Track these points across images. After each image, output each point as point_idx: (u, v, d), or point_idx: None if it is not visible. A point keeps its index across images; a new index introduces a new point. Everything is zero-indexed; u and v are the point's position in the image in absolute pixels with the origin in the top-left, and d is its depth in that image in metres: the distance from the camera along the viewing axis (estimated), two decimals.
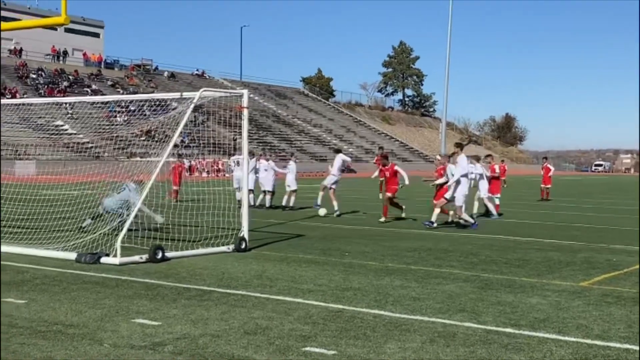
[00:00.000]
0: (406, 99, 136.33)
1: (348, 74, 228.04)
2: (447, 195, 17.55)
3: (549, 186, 32.03)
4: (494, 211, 21.32)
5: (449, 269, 11.22)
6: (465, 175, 17.91)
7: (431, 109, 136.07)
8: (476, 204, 21.63)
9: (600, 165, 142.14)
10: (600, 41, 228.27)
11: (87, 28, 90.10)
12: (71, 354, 6.19)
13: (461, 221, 17.83)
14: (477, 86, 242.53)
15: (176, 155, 30.88)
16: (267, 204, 23.43)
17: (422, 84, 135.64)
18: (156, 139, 62.60)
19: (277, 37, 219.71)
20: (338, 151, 23.04)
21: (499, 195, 22.89)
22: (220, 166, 59.90)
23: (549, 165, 32.57)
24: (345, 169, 28.97)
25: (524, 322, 7.62)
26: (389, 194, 19.51)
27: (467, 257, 12.69)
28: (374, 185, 41.18)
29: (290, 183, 23.45)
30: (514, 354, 6.46)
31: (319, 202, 21.73)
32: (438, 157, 20.06)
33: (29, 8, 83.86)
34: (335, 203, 21.03)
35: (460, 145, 18.80)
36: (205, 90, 12.35)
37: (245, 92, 12.89)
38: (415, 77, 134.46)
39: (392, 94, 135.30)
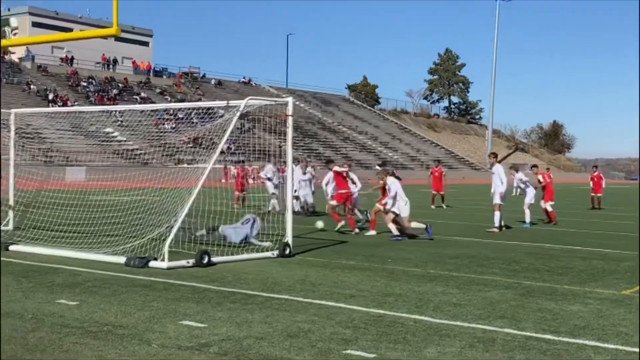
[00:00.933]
0: (452, 106, 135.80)
1: (394, 81, 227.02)
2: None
3: (600, 195, 31.68)
4: (528, 219, 21.10)
5: (491, 276, 11.26)
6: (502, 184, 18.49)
7: (477, 116, 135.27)
8: (527, 212, 21.32)
9: None
10: None
11: (137, 37, 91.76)
12: (121, 353, 6.46)
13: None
14: (524, 93, 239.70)
15: (233, 162, 31.40)
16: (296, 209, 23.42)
17: (468, 91, 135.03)
18: (203, 146, 63.54)
19: (323, 44, 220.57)
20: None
21: (552, 203, 22.76)
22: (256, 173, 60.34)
23: (601, 174, 32.41)
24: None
25: (563, 329, 7.67)
26: (332, 202, 18.77)
27: (509, 264, 12.71)
28: (419, 193, 41.03)
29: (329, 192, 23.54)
30: None
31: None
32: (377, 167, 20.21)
33: (80, 17, 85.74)
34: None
35: (495, 155, 19.53)
36: (251, 99, 12.62)
37: (290, 100, 13.12)
38: (461, 84, 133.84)
39: (437, 101, 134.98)
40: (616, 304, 9.19)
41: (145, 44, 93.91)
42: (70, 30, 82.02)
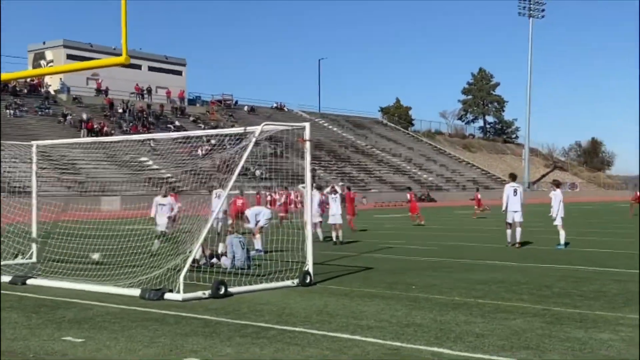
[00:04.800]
0: (487, 125, 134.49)
1: (427, 103, 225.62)
2: None
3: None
4: (562, 240, 20.27)
5: (519, 303, 10.77)
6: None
7: (514, 135, 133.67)
8: (561, 232, 20.34)
9: None
10: None
11: (170, 66, 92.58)
12: None
13: None
14: (561, 110, 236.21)
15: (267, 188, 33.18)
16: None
17: (503, 110, 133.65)
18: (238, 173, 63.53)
19: (355, 67, 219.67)
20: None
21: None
22: (298, 198, 60.15)
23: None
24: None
25: None
26: None
27: (539, 289, 12.18)
28: (453, 215, 40.45)
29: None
30: None
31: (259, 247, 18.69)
32: (301, 186, 21.12)
33: (115, 49, 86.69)
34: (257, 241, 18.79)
35: (512, 176, 22.19)
36: (266, 124, 12.39)
37: (307, 125, 12.84)
38: (496, 104, 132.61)
39: (472, 121, 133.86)
40: None
41: (179, 72, 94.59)
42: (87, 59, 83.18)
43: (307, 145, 12.75)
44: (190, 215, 17.21)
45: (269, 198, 38.29)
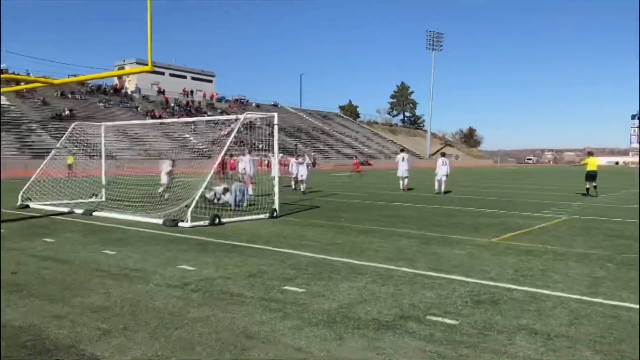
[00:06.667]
0: (406, 118, 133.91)
1: (369, 102, 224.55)
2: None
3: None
4: (439, 189, 20.08)
5: (407, 230, 10.47)
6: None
7: (422, 124, 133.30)
8: (436, 184, 20.20)
9: (530, 159, 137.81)
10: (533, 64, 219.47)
11: (205, 77, 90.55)
12: (124, 290, 5.77)
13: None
14: (452, 108, 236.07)
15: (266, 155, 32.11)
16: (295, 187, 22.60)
17: (415, 109, 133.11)
18: (243, 146, 62.43)
19: (323, 79, 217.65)
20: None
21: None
22: (285, 162, 59.46)
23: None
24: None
25: (443, 268, 6.93)
26: None
27: (423, 221, 11.88)
28: (381, 176, 39.57)
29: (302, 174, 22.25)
30: (427, 291, 5.81)
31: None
32: (270, 155, 20.83)
33: (169, 65, 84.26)
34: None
35: (402, 150, 22.00)
36: (248, 114, 11.84)
37: (275, 114, 12.29)
38: (411, 104, 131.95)
39: (396, 115, 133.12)
40: (485, 248, 8.41)
41: (210, 81, 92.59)
42: (163, 73, 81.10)
43: (275, 128, 12.23)
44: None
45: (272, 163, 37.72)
